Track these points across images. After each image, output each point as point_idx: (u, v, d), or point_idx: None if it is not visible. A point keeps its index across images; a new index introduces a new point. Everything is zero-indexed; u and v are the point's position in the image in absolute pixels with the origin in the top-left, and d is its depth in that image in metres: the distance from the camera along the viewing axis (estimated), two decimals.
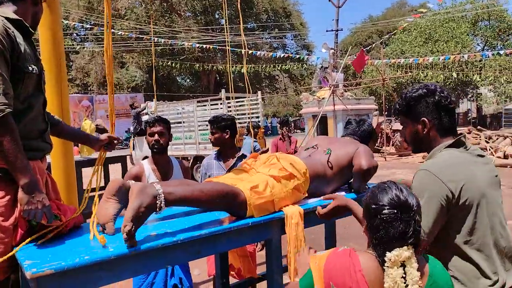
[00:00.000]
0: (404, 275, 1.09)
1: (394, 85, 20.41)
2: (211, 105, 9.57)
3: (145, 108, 11.62)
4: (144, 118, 11.34)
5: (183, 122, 9.75)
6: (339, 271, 1.14)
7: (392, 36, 22.10)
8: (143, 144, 11.16)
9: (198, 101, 10.25)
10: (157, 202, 1.35)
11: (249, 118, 8.89)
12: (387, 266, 1.10)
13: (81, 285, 1.19)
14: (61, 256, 1.21)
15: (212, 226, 1.49)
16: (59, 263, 1.14)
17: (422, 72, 17.84)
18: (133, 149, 11.45)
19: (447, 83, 19.18)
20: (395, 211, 1.12)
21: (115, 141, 1.87)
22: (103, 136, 1.85)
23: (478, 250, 1.32)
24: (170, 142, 2.61)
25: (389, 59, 17.64)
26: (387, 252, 1.11)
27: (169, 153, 2.68)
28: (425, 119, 1.45)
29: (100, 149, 1.85)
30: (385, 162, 12.54)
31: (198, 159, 9.38)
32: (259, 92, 9.75)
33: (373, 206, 1.15)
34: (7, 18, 1.43)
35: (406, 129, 1.55)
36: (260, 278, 2.31)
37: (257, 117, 9.37)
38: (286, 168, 1.79)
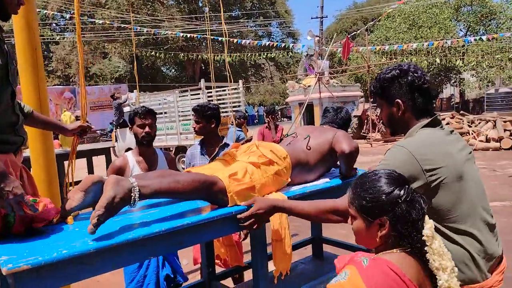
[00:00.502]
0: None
1: (379, 71, 20.52)
2: (191, 95, 9.54)
3: (126, 100, 11.49)
4: (126, 109, 11.27)
5: (165, 113, 9.73)
6: (386, 286, 0.98)
7: (377, 23, 22.15)
8: (125, 136, 11.15)
9: (180, 91, 10.20)
10: (131, 195, 1.33)
11: (230, 107, 8.92)
12: (428, 245, 1.04)
13: (61, 279, 1.17)
14: (38, 251, 1.18)
15: (195, 215, 1.47)
16: (36, 258, 1.11)
17: (406, 58, 17.97)
18: (116, 140, 11.37)
19: (431, 69, 19.38)
20: (406, 186, 1.05)
21: (87, 129, 1.87)
22: (73, 125, 1.83)
23: (465, 231, 1.30)
24: None
25: (374, 45, 17.70)
26: (422, 230, 1.04)
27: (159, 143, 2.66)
28: (399, 100, 1.43)
29: (74, 136, 1.86)
30: (371, 148, 12.69)
31: (180, 149, 9.43)
32: (240, 81, 9.73)
33: (384, 197, 1.04)
34: None
35: (382, 111, 1.53)
36: (246, 267, 2.32)
37: (239, 105, 9.36)
38: (266, 154, 1.79)
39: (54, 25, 27.07)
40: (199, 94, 9.37)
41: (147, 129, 2.38)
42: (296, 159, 1.90)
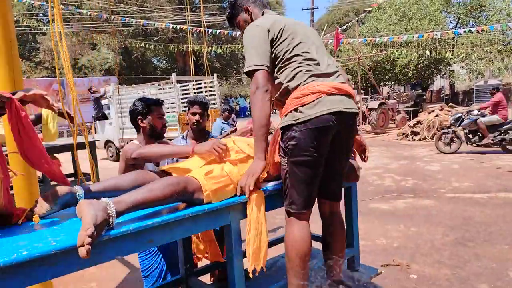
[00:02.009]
0: None
1: (370, 63, 20.53)
2: (163, 89, 10.01)
3: (104, 93, 11.57)
4: (104, 102, 11.45)
5: None
6: None
7: (368, 14, 22.08)
8: (104, 128, 11.43)
9: (151, 85, 10.62)
10: (108, 212, 1.28)
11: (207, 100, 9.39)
12: None
13: (22, 281, 1.13)
14: (0, 251, 1.15)
15: (166, 213, 1.44)
16: None
17: (396, 50, 17.98)
18: (95, 132, 11.66)
19: (421, 61, 19.43)
20: None
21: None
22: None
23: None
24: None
25: (365, 37, 17.67)
26: None
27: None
28: (246, 6, 1.97)
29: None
30: None
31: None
32: (215, 75, 10.06)
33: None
34: None
35: (239, 25, 2.02)
36: (226, 262, 2.30)
37: (214, 99, 9.70)
38: (243, 149, 1.77)
39: (41, 15, 26.53)
40: (172, 88, 9.70)
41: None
42: None
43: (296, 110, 1.66)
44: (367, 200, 5.61)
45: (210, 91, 9.81)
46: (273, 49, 1.76)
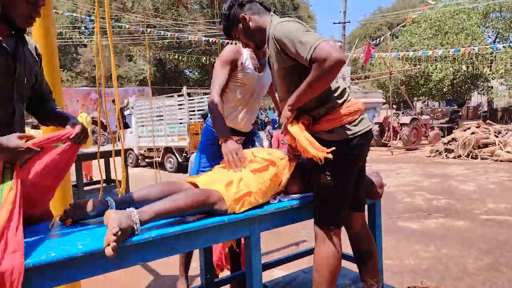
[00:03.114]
0: None
1: (403, 78, 20.13)
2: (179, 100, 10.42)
3: (127, 104, 12.34)
4: (126, 112, 12.08)
5: (166, 115, 10.42)
6: None
7: (401, 28, 21.74)
8: (126, 136, 12.00)
9: (166, 97, 11.29)
10: (132, 219, 1.34)
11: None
12: None
13: (46, 282, 1.19)
14: (30, 252, 1.21)
15: (188, 222, 1.48)
16: (25, 260, 1.14)
17: (431, 65, 17.55)
18: (119, 140, 12.35)
19: (457, 76, 18.84)
20: None
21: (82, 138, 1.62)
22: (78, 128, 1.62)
23: None
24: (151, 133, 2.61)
25: (398, 51, 17.38)
26: None
27: (145, 144, 2.67)
28: (242, 15, 1.86)
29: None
30: (392, 157, 12.43)
31: (168, 150, 10.38)
32: None
33: None
34: None
35: (241, 36, 1.92)
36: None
37: None
38: (264, 158, 1.80)
39: (83, 28, 27.99)
40: (182, 100, 10.19)
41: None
42: None
43: (343, 127, 1.68)
44: (395, 218, 5.45)
45: None
46: None
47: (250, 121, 2.40)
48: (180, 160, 10.00)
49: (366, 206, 2.03)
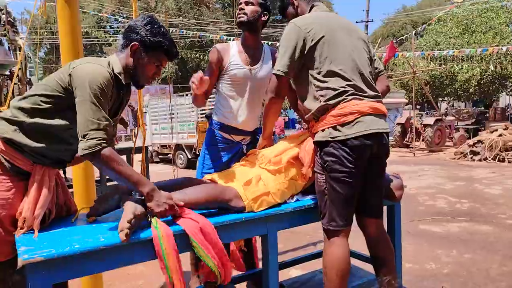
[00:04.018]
0: None
1: (427, 78, 19.65)
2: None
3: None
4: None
5: (177, 114, 10.82)
6: None
7: (427, 27, 21.22)
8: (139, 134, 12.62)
9: (178, 95, 11.82)
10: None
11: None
12: None
13: (70, 272, 1.24)
14: (54, 244, 1.26)
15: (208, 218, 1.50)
16: (50, 250, 1.19)
17: (457, 65, 17.05)
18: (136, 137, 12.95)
19: (484, 76, 18.24)
20: None
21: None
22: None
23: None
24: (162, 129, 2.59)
25: (422, 51, 16.98)
26: None
27: (158, 141, 2.65)
28: (293, 0, 1.94)
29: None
30: (414, 158, 12.18)
31: (179, 147, 10.70)
32: None
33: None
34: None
35: (289, 17, 1.96)
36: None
37: None
38: (283, 157, 1.80)
39: (108, 27, 28.64)
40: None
41: (242, 5, 2.14)
42: None
43: (334, 128, 1.66)
44: (416, 221, 5.34)
45: None
46: (306, 55, 1.73)
47: (252, 119, 2.28)
48: (189, 156, 10.42)
49: (385, 208, 2.00)
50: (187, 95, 10.67)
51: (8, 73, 8.72)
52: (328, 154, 1.66)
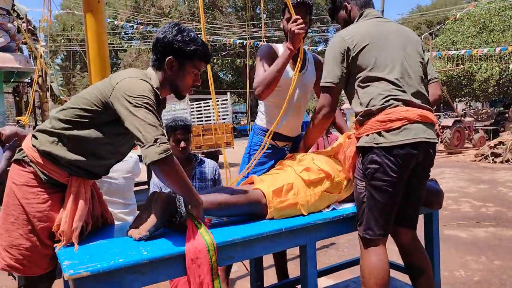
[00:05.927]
0: None
1: (444, 78, 19.31)
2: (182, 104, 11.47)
3: None
4: None
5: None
6: None
7: (443, 27, 20.87)
8: None
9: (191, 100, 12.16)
10: (177, 204, 1.42)
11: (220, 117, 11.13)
12: None
13: (116, 286, 1.22)
14: (97, 257, 1.24)
15: (246, 230, 1.47)
16: (95, 265, 1.17)
17: (475, 65, 16.71)
18: None
19: (504, 76, 17.83)
20: None
21: None
22: None
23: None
24: None
25: (438, 50, 16.71)
26: None
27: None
28: (345, 4, 1.90)
29: None
30: None
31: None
32: (228, 93, 11.66)
33: None
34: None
35: (340, 20, 1.96)
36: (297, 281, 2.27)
37: (227, 115, 11.19)
38: (323, 168, 1.75)
39: (122, 33, 29.04)
40: (193, 104, 11.43)
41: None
42: None
43: (379, 133, 1.61)
44: (441, 226, 5.21)
45: (223, 109, 11.35)
46: (351, 64, 1.72)
47: (295, 125, 2.27)
48: None
49: (422, 216, 1.93)
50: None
51: (29, 81, 8.90)
52: (371, 161, 1.61)
